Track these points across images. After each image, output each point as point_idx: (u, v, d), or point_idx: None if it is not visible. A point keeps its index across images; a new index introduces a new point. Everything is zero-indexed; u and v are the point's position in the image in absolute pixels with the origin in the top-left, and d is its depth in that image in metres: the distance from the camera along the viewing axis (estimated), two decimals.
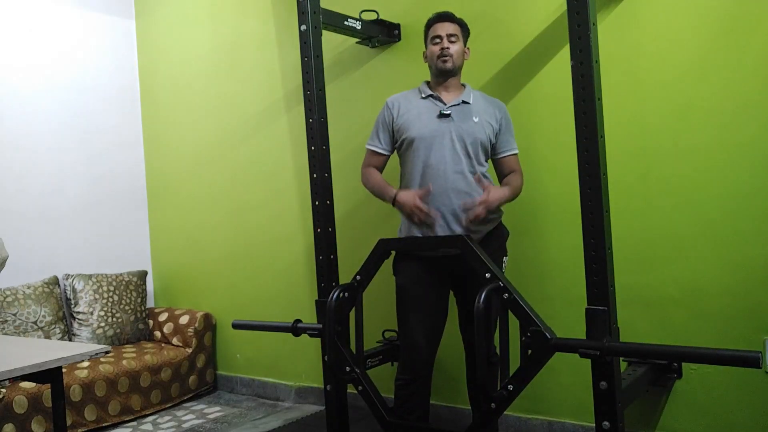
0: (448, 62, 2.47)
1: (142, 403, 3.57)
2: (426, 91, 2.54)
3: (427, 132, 2.47)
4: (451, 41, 2.48)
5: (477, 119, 2.46)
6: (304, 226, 3.64)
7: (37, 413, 3.08)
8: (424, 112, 2.50)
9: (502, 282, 2.15)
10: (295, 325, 2.66)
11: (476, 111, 2.48)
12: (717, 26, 2.43)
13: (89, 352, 2.15)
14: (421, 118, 2.49)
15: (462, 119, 2.46)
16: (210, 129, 4.07)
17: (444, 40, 2.48)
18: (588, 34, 2.02)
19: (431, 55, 2.52)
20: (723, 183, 2.43)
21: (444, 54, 2.47)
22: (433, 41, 2.51)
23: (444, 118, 2.46)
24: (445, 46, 2.47)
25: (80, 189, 4.10)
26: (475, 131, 2.45)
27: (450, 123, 2.46)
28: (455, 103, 2.49)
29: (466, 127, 2.45)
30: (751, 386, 2.40)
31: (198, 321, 3.92)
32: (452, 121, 2.46)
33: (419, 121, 2.49)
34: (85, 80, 4.16)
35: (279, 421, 3.39)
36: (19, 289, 3.60)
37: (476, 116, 2.47)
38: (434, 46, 2.50)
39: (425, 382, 2.52)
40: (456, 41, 2.49)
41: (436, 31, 2.50)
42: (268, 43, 3.76)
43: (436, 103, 2.50)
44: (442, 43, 2.48)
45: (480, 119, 2.47)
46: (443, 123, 2.46)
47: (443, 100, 2.50)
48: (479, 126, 2.46)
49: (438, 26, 2.51)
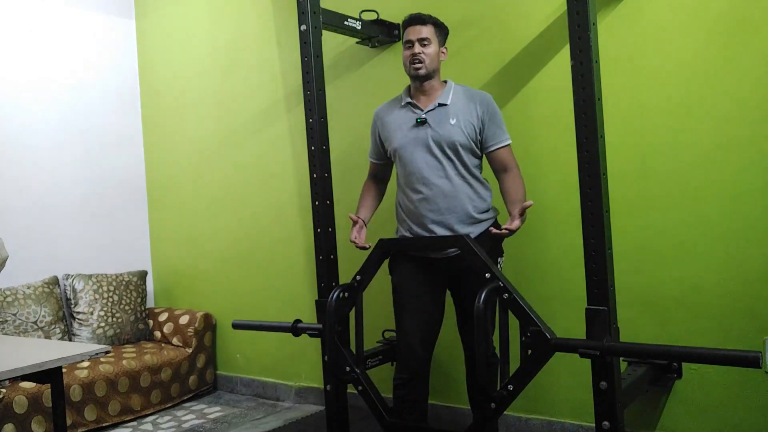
0: (421, 69, 2.42)
1: (142, 403, 3.57)
2: (405, 99, 2.51)
3: (406, 141, 2.46)
4: (423, 45, 2.42)
5: (454, 121, 2.42)
6: (304, 226, 3.64)
7: (37, 413, 3.08)
8: (403, 121, 2.49)
9: (501, 282, 2.15)
10: (295, 325, 2.66)
11: (454, 112, 2.43)
12: (716, 25, 2.43)
13: (89, 352, 2.16)
14: (401, 128, 2.49)
15: (438, 124, 2.43)
16: (210, 129, 4.07)
17: (415, 46, 2.42)
18: (588, 34, 2.02)
19: (404, 60, 2.47)
20: (723, 183, 2.43)
21: (415, 60, 2.42)
22: (405, 46, 2.46)
23: (420, 125, 2.44)
24: (416, 52, 2.41)
25: (80, 189, 4.10)
26: (452, 134, 2.41)
27: (427, 129, 2.43)
28: (431, 108, 2.45)
29: (443, 132, 2.41)
30: (750, 386, 2.40)
31: (198, 321, 3.92)
32: (429, 128, 2.43)
33: (399, 132, 2.49)
34: (85, 80, 4.16)
35: (279, 421, 3.39)
36: (19, 289, 3.60)
37: (453, 118, 2.42)
38: (406, 51, 2.45)
39: (422, 381, 2.52)
40: (429, 44, 2.42)
41: (408, 35, 2.45)
42: (268, 44, 3.76)
43: (413, 110, 2.48)
44: (413, 48, 2.42)
45: (458, 120, 2.42)
46: (420, 130, 2.44)
47: (420, 105, 2.47)
48: (456, 128, 2.41)
49: (410, 30, 2.45)
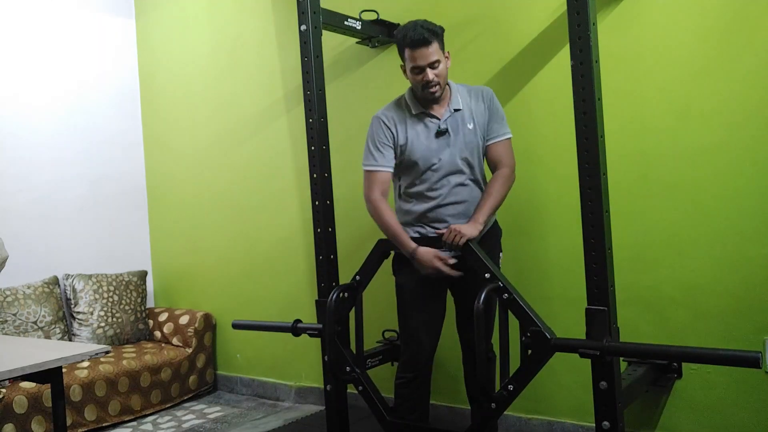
0: (437, 92, 2.35)
1: (142, 403, 3.57)
2: (416, 108, 2.42)
3: (429, 153, 2.40)
4: (434, 68, 2.31)
5: (471, 125, 2.42)
6: (304, 226, 3.64)
7: (37, 413, 3.08)
8: (421, 131, 2.41)
9: (501, 282, 2.15)
10: (295, 325, 2.67)
11: (468, 115, 2.42)
12: (718, 26, 2.43)
13: (89, 352, 2.16)
14: (420, 139, 2.40)
15: (457, 131, 2.41)
16: (210, 129, 4.07)
17: (428, 72, 2.30)
18: (588, 34, 2.02)
19: (414, 83, 2.37)
20: (723, 183, 2.43)
21: (430, 85, 2.32)
22: (413, 71, 2.34)
23: (441, 136, 2.40)
24: (430, 79, 2.31)
25: (80, 189, 4.10)
26: (472, 139, 2.41)
27: (448, 139, 2.40)
28: (448, 116, 2.41)
29: (464, 138, 2.40)
30: (750, 386, 2.40)
31: (198, 321, 3.92)
32: (449, 137, 2.40)
33: (419, 142, 2.40)
34: (85, 80, 4.16)
35: (279, 421, 3.39)
36: (19, 289, 3.60)
37: (470, 122, 2.42)
38: (416, 76, 2.34)
39: (426, 380, 2.53)
40: (438, 64, 2.32)
41: (414, 60, 2.31)
42: (268, 43, 3.76)
43: (432, 120, 2.42)
44: (426, 75, 2.31)
45: (474, 123, 2.42)
46: (442, 140, 2.40)
47: (436, 114, 2.42)
48: (473, 133, 2.42)
49: (415, 55, 2.30)
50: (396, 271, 2.56)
